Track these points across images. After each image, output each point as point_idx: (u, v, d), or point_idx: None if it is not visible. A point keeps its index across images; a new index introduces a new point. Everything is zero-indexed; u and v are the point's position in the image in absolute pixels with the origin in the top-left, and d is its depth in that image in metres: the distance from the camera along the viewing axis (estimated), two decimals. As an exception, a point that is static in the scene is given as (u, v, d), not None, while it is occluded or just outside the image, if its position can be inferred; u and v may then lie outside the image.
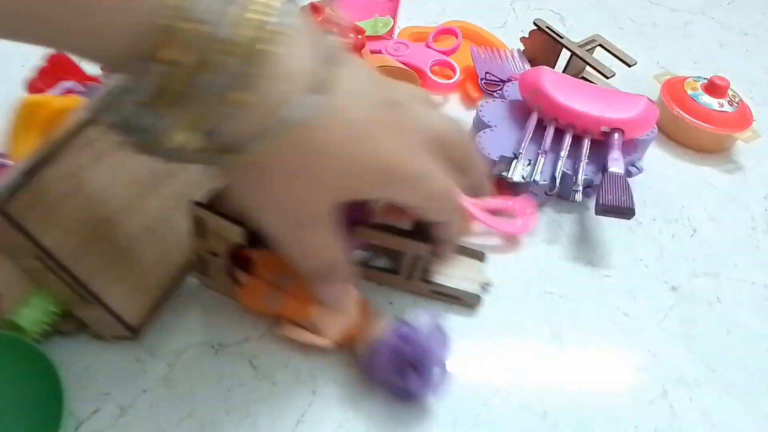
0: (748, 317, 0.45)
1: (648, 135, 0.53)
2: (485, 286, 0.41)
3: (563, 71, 0.62)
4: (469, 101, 0.59)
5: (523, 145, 0.50)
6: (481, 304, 0.42)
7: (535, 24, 0.62)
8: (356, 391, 0.37)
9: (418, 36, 0.62)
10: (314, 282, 0.35)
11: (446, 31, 0.62)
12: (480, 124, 0.53)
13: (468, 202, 0.40)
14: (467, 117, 0.55)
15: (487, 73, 0.59)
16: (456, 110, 0.58)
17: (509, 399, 0.37)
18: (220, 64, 0.24)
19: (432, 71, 0.57)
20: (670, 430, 0.37)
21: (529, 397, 0.37)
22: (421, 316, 0.36)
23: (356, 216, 0.37)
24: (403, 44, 0.59)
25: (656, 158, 0.56)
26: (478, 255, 0.43)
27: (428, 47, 0.60)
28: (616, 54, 0.61)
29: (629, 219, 0.46)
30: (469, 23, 0.66)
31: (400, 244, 0.39)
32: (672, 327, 0.43)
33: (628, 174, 0.49)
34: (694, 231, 0.50)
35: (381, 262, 0.42)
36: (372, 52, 0.57)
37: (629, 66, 0.60)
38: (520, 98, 0.54)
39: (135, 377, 0.36)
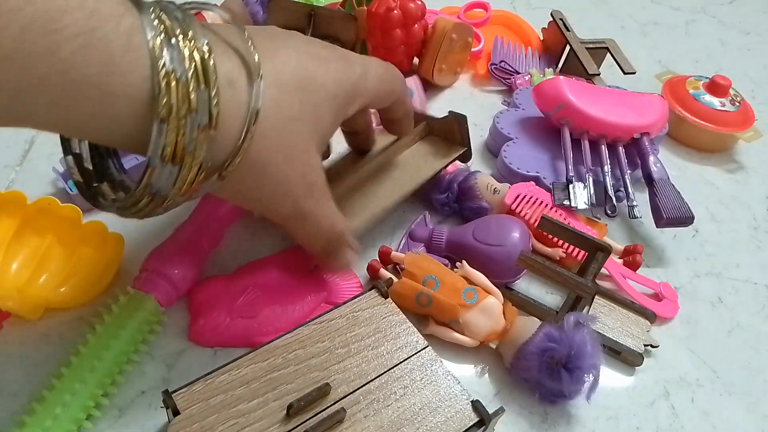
0: (750, 318, 0.44)
1: (663, 131, 0.53)
2: (649, 347, 0.40)
3: (562, 65, 0.62)
4: (476, 78, 0.62)
5: (570, 167, 0.48)
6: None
7: (551, 15, 0.63)
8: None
9: (450, 11, 0.67)
10: (325, 256, 0.37)
11: (476, 5, 0.68)
12: (499, 136, 0.52)
13: (615, 271, 0.42)
14: (473, 97, 0.58)
15: (501, 61, 0.60)
16: (464, 89, 0.61)
17: (510, 400, 0.37)
18: (194, 99, 0.26)
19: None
20: (672, 431, 0.37)
21: (530, 398, 0.37)
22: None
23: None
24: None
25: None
26: (647, 315, 0.42)
27: (459, 18, 0.64)
28: (617, 58, 0.61)
29: (688, 226, 0.46)
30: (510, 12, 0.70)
31: (565, 281, 0.39)
32: (673, 327, 0.43)
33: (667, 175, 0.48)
34: (696, 231, 0.50)
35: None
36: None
37: (624, 73, 0.60)
38: (534, 108, 0.53)
39: (134, 378, 0.35)
